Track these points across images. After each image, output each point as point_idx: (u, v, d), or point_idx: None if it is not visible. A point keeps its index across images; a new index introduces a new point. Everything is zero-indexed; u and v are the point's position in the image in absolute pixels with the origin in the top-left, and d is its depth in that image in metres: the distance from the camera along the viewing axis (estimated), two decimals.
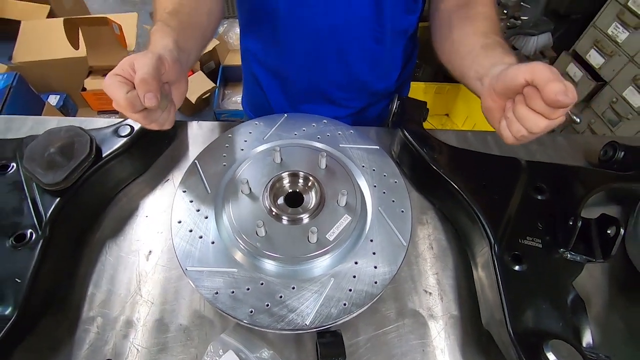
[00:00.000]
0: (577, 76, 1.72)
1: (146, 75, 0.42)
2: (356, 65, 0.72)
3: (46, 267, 0.47)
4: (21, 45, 1.97)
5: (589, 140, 0.75)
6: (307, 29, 0.66)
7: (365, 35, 0.67)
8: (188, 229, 0.50)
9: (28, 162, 0.51)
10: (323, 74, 0.73)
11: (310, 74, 0.74)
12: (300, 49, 0.70)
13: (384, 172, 0.58)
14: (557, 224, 0.53)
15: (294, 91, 0.78)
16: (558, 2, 1.89)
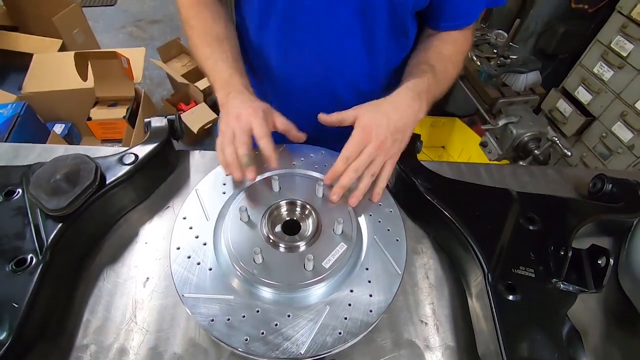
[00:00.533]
0: (567, 111, 1.78)
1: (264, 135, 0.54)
2: (351, 104, 0.75)
3: (44, 292, 0.47)
4: (32, 76, 2.05)
5: (578, 173, 0.77)
6: (302, 73, 0.70)
7: (358, 75, 0.71)
8: (186, 256, 0.51)
9: (34, 188, 0.52)
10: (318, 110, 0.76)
11: (305, 113, 0.77)
12: (296, 92, 0.73)
13: (379, 202, 0.60)
14: (549, 254, 0.54)
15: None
16: (546, 43, 1.99)
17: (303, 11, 0.62)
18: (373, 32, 0.65)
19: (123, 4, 3.63)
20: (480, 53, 1.58)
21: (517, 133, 1.33)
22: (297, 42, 0.66)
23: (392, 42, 0.69)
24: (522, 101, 1.41)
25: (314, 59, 0.68)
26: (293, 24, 0.64)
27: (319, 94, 0.73)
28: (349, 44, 0.66)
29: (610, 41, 1.58)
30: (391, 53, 0.71)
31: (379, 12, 0.62)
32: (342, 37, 0.65)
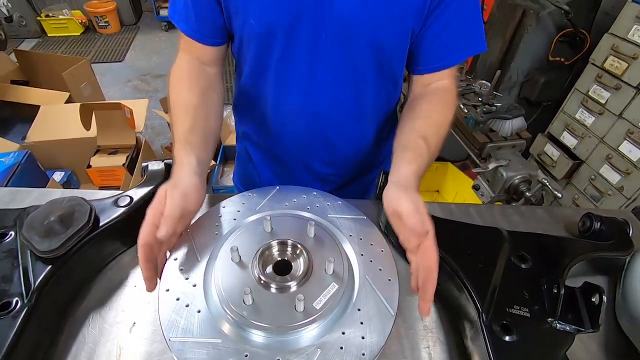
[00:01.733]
0: (554, 155, 1.84)
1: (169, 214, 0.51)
2: (339, 144, 0.79)
3: (26, 338, 0.46)
4: (37, 126, 2.12)
5: (567, 213, 0.78)
6: (293, 114, 0.74)
7: (347, 121, 0.75)
8: (175, 297, 0.50)
9: (27, 230, 0.53)
10: (309, 153, 0.80)
11: (297, 153, 0.81)
12: (288, 131, 0.77)
13: (370, 242, 0.60)
14: (543, 293, 0.54)
15: (283, 168, 0.84)
16: (528, 92, 2.11)
17: (295, 66, 0.67)
18: (361, 82, 0.69)
19: (130, 60, 3.86)
20: (466, 101, 1.66)
21: (508, 175, 1.37)
22: (289, 92, 0.71)
23: (381, 90, 0.73)
24: (510, 145, 1.47)
25: (305, 106, 0.72)
26: (285, 76, 0.69)
27: (309, 137, 0.77)
28: (338, 94, 0.70)
29: (588, 90, 1.68)
30: (380, 100, 0.75)
31: (367, 64, 0.67)
32: (331, 88, 0.69)
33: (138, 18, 4.62)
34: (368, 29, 0.62)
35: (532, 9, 1.85)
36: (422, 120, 0.67)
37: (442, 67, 0.70)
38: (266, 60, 0.68)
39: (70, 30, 4.17)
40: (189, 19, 0.66)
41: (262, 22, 0.62)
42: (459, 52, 0.69)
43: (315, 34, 0.62)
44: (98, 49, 3.98)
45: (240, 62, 0.74)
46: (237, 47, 0.70)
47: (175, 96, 0.67)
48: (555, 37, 1.89)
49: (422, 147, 0.62)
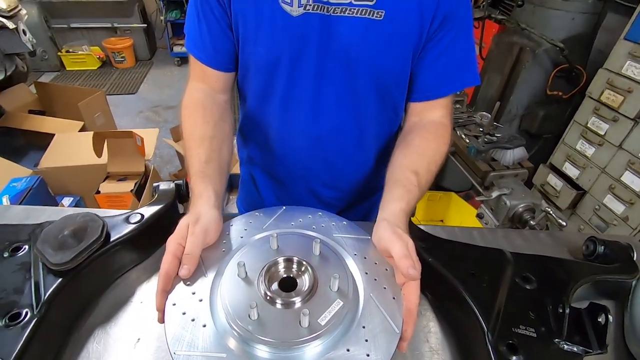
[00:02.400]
0: (557, 186, 1.85)
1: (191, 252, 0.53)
2: (342, 168, 0.82)
3: (33, 349, 0.46)
4: (50, 153, 2.19)
5: (571, 237, 0.79)
6: (296, 140, 0.77)
7: (349, 144, 0.78)
8: (181, 312, 0.51)
9: (41, 243, 0.55)
10: (312, 176, 0.83)
11: (300, 176, 0.83)
12: (291, 155, 0.80)
13: (375, 261, 0.61)
14: (548, 313, 0.54)
15: (287, 191, 0.87)
16: (528, 125, 2.16)
17: (299, 91, 0.71)
18: (362, 108, 0.73)
19: (143, 93, 4.02)
20: (468, 132, 1.71)
21: (511, 204, 1.38)
22: (293, 116, 0.74)
23: (382, 116, 0.77)
24: (512, 174, 1.49)
25: (309, 130, 0.75)
26: (290, 101, 0.72)
27: (312, 160, 0.80)
28: (340, 119, 0.74)
29: (587, 122, 1.73)
30: (382, 125, 0.79)
31: (368, 92, 0.71)
32: (333, 113, 0.73)
33: (152, 54, 4.86)
34: (369, 58, 0.66)
35: (529, 46, 1.94)
36: (414, 157, 0.68)
37: (435, 96, 0.73)
38: (272, 86, 0.72)
39: (87, 64, 4.39)
40: (205, 47, 0.71)
41: (270, 51, 0.67)
42: (451, 84, 0.72)
43: (320, 62, 0.67)
44: (113, 82, 4.16)
45: (245, 88, 0.78)
46: (243, 74, 0.75)
47: (189, 127, 0.70)
48: (552, 73, 1.97)
49: (412, 184, 0.63)
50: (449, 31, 0.66)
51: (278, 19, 0.63)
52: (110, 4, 4.23)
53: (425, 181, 0.66)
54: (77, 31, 4.39)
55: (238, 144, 0.94)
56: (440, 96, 0.73)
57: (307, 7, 0.62)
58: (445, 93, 0.73)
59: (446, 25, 0.65)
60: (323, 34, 0.64)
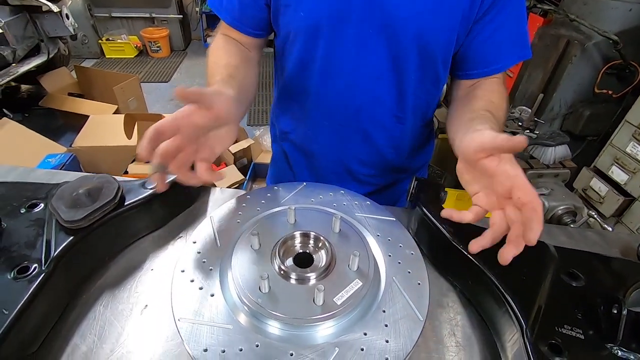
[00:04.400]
0: (602, 191, 1.70)
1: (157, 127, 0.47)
2: (379, 143, 0.77)
3: (38, 304, 0.45)
4: (84, 133, 2.26)
5: (624, 237, 0.70)
6: (334, 109, 0.73)
7: (387, 116, 0.74)
8: (190, 279, 0.48)
9: (55, 200, 0.53)
10: (348, 151, 0.79)
11: (335, 150, 0.79)
12: (327, 127, 0.76)
13: (399, 243, 0.56)
14: (599, 315, 0.47)
15: (320, 167, 0.83)
16: (572, 125, 2.01)
17: (340, 62, 0.67)
18: (403, 79, 0.69)
19: (175, 81, 4.11)
20: (505, 128, 1.61)
21: (550, 205, 1.27)
22: (332, 88, 0.71)
23: (422, 89, 0.72)
24: (552, 174, 1.38)
25: (347, 100, 0.71)
26: (330, 69, 0.69)
27: (349, 133, 0.76)
28: (379, 89, 0.70)
29: None
30: (420, 99, 0.74)
31: (410, 61, 0.66)
32: (373, 83, 0.69)
33: (187, 45, 4.96)
34: (414, 25, 0.62)
35: (577, 39, 1.80)
36: (480, 101, 0.65)
37: (492, 71, 0.69)
38: (312, 53, 0.68)
39: (125, 53, 4.54)
40: (233, 9, 0.69)
41: (311, 15, 0.64)
42: (507, 58, 0.69)
43: (362, 28, 0.63)
44: (148, 71, 4.28)
45: (284, 57, 0.75)
46: (283, 40, 0.72)
47: (214, 60, 0.67)
48: (602, 69, 1.82)
49: (488, 116, 0.59)
50: (505, 5, 0.63)
51: None
52: None
53: (499, 119, 0.61)
54: (117, 20, 4.54)
55: (271, 120, 0.91)
56: (498, 71, 0.70)
57: None
58: (503, 68, 0.69)
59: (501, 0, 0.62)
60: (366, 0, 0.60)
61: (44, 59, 2.57)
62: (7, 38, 2.27)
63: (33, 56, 2.54)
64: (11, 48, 2.32)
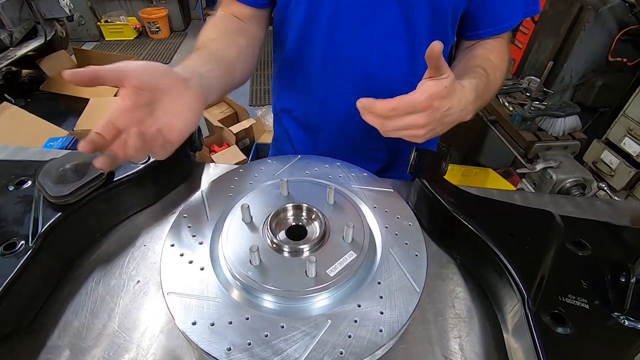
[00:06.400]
0: (613, 164, 1.65)
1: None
2: None
3: (26, 280, 0.44)
4: (85, 116, 2.26)
5: (634, 205, 0.67)
6: (341, 76, 0.70)
7: (398, 82, 0.70)
8: (179, 253, 0.47)
9: (42, 176, 0.52)
10: (355, 123, 0.75)
11: (342, 124, 0.76)
12: (334, 98, 0.73)
13: (397, 215, 0.53)
14: (606, 284, 0.45)
15: (326, 143, 0.80)
16: (583, 96, 1.93)
17: (349, 19, 0.64)
18: (415, 38, 0.65)
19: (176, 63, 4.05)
20: (512, 100, 1.55)
21: (558, 178, 1.24)
22: (340, 51, 0.67)
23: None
24: (562, 146, 1.33)
25: (355, 64, 0.68)
26: (336, 36, 0.65)
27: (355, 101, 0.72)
28: (392, 51, 0.66)
29: None
30: None
31: (421, 19, 0.63)
32: (385, 44, 0.66)
33: (187, 25, 4.86)
34: None
35: (591, 4, 1.70)
36: (477, 59, 0.64)
37: (499, 31, 0.67)
38: (315, 18, 0.65)
39: (125, 35, 4.47)
40: None
41: None
42: (516, 14, 0.66)
43: None
44: (148, 52, 4.22)
45: (285, 25, 0.71)
46: (283, 9, 0.68)
47: (198, 38, 0.64)
48: (616, 36, 1.73)
49: (479, 73, 0.59)
50: None
51: None
52: None
53: (492, 84, 0.62)
54: (115, 1, 4.45)
55: (273, 97, 0.88)
56: (503, 31, 0.67)
57: None
58: (509, 27, 0.67)
59: None
60: None
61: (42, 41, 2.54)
62: (2, 21, 2.23)
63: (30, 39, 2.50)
64: (8, 31, 2.28)
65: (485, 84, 0.59)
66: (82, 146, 0.42)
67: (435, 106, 0.49)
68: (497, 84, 0.64)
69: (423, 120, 0.50)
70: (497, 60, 0.64)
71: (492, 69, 0.62)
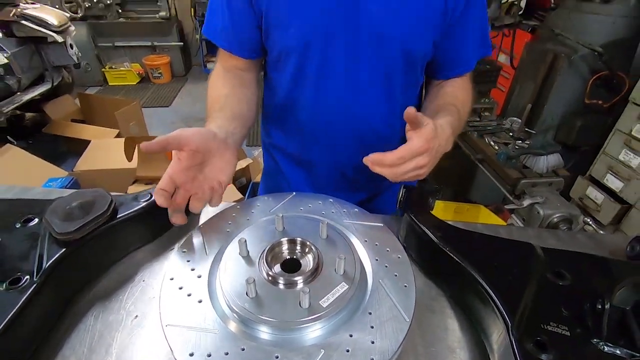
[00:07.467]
0: (598, 199, 1.71)
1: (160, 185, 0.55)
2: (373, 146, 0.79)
3: (28, 315, 0.45)
4: (86, 157, 2.30)
5: (614, 239, 0.71)
6: (328, 121, 0.77)
7: (380, 123, 0.78)
8: (178, 287, 0.49)
9: (49, 213, 0.55)
10: (344, 157, 0.82)
11: (331, 158, 0.83)
12: (324, 137, 0.79)
13: (387, 248, 0.56)
14: (585, 312, 0.47)
15: (317, 176, 0.86)
16: (565, 136, 2.03)
17: (335, 70, 0.71)
18: (392, 82, 0.73)
19: (176, 106, 4.20)
20: (497, 139, 1.63)
21: (545, 214, 1.28)
22: (328, 96, 0.74)
23: (407, 93, 0.77)
24: (546, 183, 1.39)
25: (342, 109, 0.75)
26: (325, 83, 0.72)
27: (343, 140, 0.79)
28: (373, 94, 0.74)
29: (631, 129, 1.60)
30: (406, 102, 0.78)
31: (397, 67, 0.71)
32: (367, 89, 0.73)
33: (188, 70, 5.10)
34: (399, 36, 0.67)
35: (564, 52, 1.85)
36: (447, 97, 0.74)
37: (460, 72, 0.77)
38: (305, 69, 0.72)
39: (128, 80, 4.66)
40: (227, 35, 0.73)
41: (302, 34, 0.67)
42: (473, 58, 0.77)
43: (352, 41, 0.67)
44: (150, 97, 4.38)
45: (276, 74, 0.78)
46: (275, 61, 0.75)
47: (209, 92, 0.74)
48: (589, 80, 1.86)
49: (452, 110, 0.68)
50: (473, 7, 0.69)
51: (308, 3, 0.65)
52: (151, 25, 4.51)
53: (463, 118, 0.71)
54: (121, 49, 4.69)
55: (262, 132, 0.94)
56: (463, 73, 0.78)
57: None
58: (468, 69, 0.78)
59: (470, 2, 0.68)
60: (354, 15, 0.65)
61: (48, 87, 2.65)
62: (13, 68, 2.35)
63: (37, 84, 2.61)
64: (16, 77, 2.39)
65: (458, 119, 0.69)
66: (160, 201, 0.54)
67: (432, 146, 0.57)
68: (466, 116, 0.75)
69: (425, 160, 0.57)
70: (464, 96, 0.76)
71: (461, 105, 0.72)
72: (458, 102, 0.72)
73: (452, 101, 0.72)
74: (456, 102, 0.72)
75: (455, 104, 0.71)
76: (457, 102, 0.72)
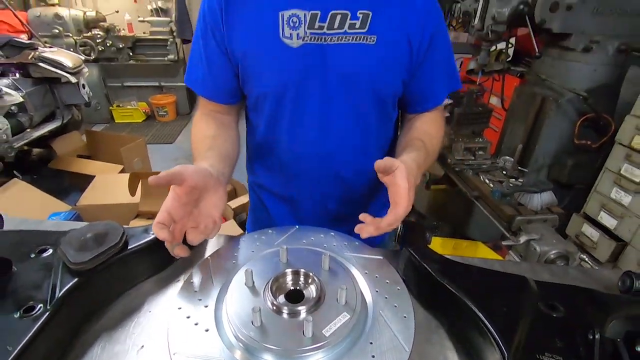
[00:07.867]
0: (594, 236, 1.73)
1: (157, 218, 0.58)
2: (350, 180, 0.85)
3: (41, 343, 0.47)
4: (89, 192, 2.34)
5: (605, 274, 0.73)
6: (306, 157, 0.81)
7: (355, 156, 0.83)
8: (186, 316, 0.50)
9: (64, 244, 0.58)
10: (324, 193, 0.86)
11: (312, 194, 0.87)
12: (303, 174, 0.84)
13: (386, 280, 0.59)
14: (579, 343, 0.48)
15: (300, 211, 0.89)
16: (557, 174, 2.09)
17: (306, 114, 0.76)
18: (365, 121, 0.79)
19: (179, 143, 4.31)
20: (492, 177, 1.68)
21: (542, 250, 1.30)
22: (302, 138, 0.79)
23: (380, 127, 0.83)
24: (541, 219, 1.42)
25: (318, 148, 0.80)
26: (299, 124, 0.78)
27: (322, 175, 0.83)
28: (345, 132, 0.79)
29: (620, 169, 1.66)
30: (380, 135, 0.84)
31: (368, 106, 0.77)
32: (340, 129, 0.78)
33: (192, 108, 5.29)
34: (367, 78, 0.73)
35: (551, 96, 1.95)
36: (417, 132, 0.81)
37: (430, 107, 0.84)
38: (280, 114, 0.78)
39: (134, 118, 4.82)
40: (206, 84, 0.79)
41: (276, 82, 0.74)
42: (442, 93, 0.84)
43: (323, 86, 0.73)
44: (154, 134, 4.51)
45: (255, 118, 0.84)
46: (253, 104, 0.82)
47: (195, 134, 0.79)
48: (577, 122, 1.95)
49: (418, 145, 0.73)
50: (437, 46, 0.75)
51: (280, 52, 0.71)
52: (159, 67, 4.75)
53: (431, 151, 0.77)
54: (129, 89, 4.90)
55: (247, 170, 0.99)
56: (433, 107, 0.84)
57: (305, 39, 0.69)
58: (437, 103, 0.84)
59: (434, 42, 0.74)
60: (323, 61, 0.71)
61: (58, 124, 2.75)
62: (26, 106, 2.45)
63: (48, 121, 2.71)
64: (29, 115, 2.49)
65: (425, 153, 0.74)
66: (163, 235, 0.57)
67: (412, 182, 0.62)
68: (436, 149, 0.81)
69: (411, 197, 0.62)
70: (434, 130, 0.81)
71: (429, 139, 0.78)
72: (426, 137, 0.78)
73: (419, 136, 0.78)
74: (424, 137, 0.77)
75: (423, 139, 0.76)
76: (425, 137, 0.78)
